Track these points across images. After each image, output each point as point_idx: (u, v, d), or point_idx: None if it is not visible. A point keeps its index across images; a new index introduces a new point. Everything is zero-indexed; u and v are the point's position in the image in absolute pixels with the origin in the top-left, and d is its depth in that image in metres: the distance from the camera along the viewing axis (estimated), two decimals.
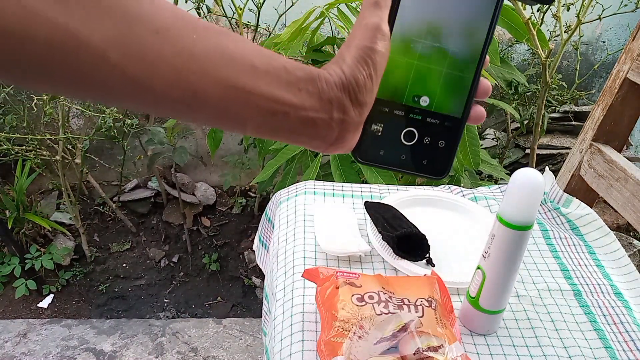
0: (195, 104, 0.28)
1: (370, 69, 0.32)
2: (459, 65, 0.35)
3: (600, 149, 0.92)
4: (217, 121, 0.30)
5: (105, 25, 0.24)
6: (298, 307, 0.67)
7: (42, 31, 0.23)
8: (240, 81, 0.28)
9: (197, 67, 0.27)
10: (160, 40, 0.26)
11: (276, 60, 0.30)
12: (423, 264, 0.75)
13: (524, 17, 1.18)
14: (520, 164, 2.09)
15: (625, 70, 0.88)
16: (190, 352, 1.65)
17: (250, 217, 2.21)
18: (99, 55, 0.24)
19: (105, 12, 0.25)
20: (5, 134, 1.66)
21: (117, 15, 0.25)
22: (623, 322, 0.69)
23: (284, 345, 0.63)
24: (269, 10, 1.65)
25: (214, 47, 0.28)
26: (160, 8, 0.27)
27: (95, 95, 0.27)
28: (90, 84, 0.25)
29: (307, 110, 0.30)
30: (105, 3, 0.25)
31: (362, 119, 0.33)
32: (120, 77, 0.25)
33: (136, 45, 0.25)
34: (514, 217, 0.58)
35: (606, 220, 1.77)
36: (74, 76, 0.25)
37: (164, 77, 0.26)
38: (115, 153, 2.15)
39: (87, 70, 0.25)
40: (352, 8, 1.19)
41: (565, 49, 1.65)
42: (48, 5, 0.23)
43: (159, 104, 0.27)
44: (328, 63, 0.32)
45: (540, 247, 0.83)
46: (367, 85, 0.32)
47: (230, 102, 0.28)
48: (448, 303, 0.63)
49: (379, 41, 0.32)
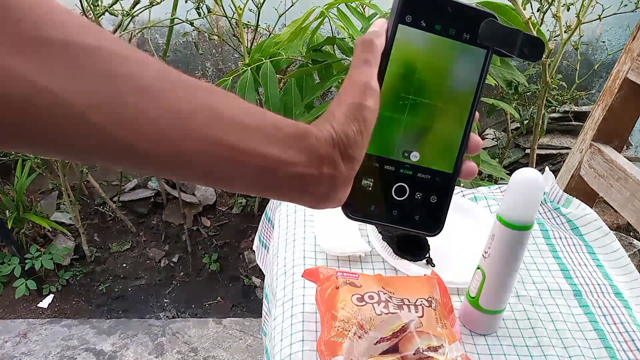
0: (180, 164, 0.27)
1: (360, 125, 0.32)
2: (449, 121, 0.35)
3: (600, 149, 0.92)
4: (204, 180, 0.29)
5: (87, 85, 0.23)
6: (298, 307, 0.67)
7: (20, 92, 0.22)
8: (228, 139, 0.27)
9: (182, 126, 0.26)
10: (145, 99, 0.25)
11: (265, 117, 0.30)
12: (423, 264, 0.75)
13: (524, 17, 1.18)
14: (520, 164, 2.09)
15: (625, 70, 0.88)
16: (190, 352, 1.65)
17: (250, 217, 2.21)
18: (79, 115, 0.23)
19: (88, 72, 0.24)
20: None
21: (99, 75, 0.24)
22: (623, 322, 0.69)
23: (284, 345, 0.63)
24: (269, 10, 1.66)
25: (200, 105, 0.27)
26: (145, 66, 0.26)
27: (75, 156, 0.26)
28: (70, 145, 0.24)
29: (296, 167, 0.30)
30: (87, 62, 0.24)
31: (352, 174, 0.32)
32: (102, 138, 0.24)
33: (119, 105, 0.24)
34: (514, 217, 0.58)
35: (606, 220, 1.77)
36: (53, 137, 0.24)
37: (147, 138, 0.25)
38: None
39: (67, 132, 0.24)
40: (352, 8, 1.19)
41: (565, 49, 1.65)
42: (27, 66, 0.22)
43: (143, 164, 0.26)
44: (318, 119, 0.32)
45: (540, 247, 0.83)
46: (357, 141, 0.32)
47: (218, 160, 0.28)
48: (448, 303, 0.63)
49: (368, 97, 0.32)
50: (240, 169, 0.29)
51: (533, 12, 1.38)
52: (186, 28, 1.89)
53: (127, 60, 0.25)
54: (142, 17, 1.71)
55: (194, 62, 2.00)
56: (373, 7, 1.17)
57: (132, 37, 1.82)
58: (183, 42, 1.94)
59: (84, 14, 1.44)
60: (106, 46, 0.24)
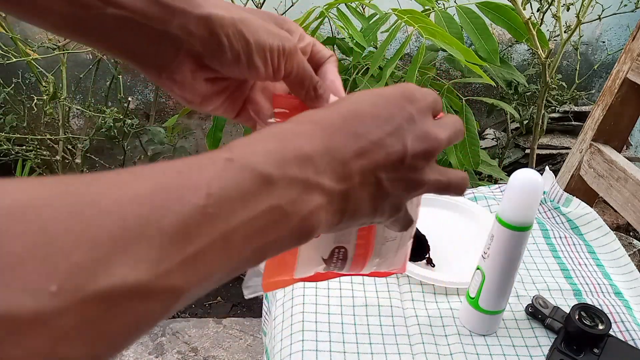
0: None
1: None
2: None
3: (600, 149, 0.92)
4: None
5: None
6: (298, 307, 0.67)
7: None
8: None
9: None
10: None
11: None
12: (423, 264, 0.75)
13: (524, 17, 1.18)
14: (520, 164, 2.09)
15: (625, 70, 0.88)
16: (190, 352, 1.65)
17: None
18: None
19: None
20: (5, 134, 1.66)
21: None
22: (623, 321, 0.69)
23: (284, 345, 0.63)
24: (269, 10, 1.66)
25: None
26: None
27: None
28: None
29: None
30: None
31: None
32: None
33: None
34: (513, 218, 0.58)
35: (606, 220, 1.77)
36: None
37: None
38: (115, 153, 2.15)
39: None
40: (352, 8, 1.19)
41: (565, 49, 1.64)
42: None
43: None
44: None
45: (540, 246, 0.83)
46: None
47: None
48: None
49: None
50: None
51: (533, 12, 1.38)
52: None
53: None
54: None
55: None
56: (373, 7, 1.17)
57: None
58: None
59: None
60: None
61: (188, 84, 0.33)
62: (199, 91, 0.34)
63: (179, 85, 0.33)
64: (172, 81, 0.33)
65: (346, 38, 1.21)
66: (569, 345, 0.63)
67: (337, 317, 0.67)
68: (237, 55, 0.32)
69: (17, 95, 1.76)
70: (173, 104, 2.08)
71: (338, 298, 0.70)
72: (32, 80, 1.84)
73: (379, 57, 1.05)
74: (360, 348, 0.64)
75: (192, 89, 0.33)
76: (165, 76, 0.32)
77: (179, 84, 0.33)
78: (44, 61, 1.54)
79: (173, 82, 0.33)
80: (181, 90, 0.33)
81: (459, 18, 1.11)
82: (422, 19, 1.00)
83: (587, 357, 0.62)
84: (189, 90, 0.33)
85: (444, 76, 1.98)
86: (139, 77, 2.00)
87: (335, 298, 0.70)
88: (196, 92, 0.34)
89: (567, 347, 0.63)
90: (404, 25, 1.02)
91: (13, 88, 1.64)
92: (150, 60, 0.32)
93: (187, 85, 0.33)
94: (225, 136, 2.01)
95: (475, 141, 1.13)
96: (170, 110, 2.09)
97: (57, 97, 1.50)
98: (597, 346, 0.63)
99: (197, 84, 0.33)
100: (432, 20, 1.05)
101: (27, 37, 1.76)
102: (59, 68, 1.55)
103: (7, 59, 1.36)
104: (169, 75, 0.32)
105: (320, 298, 0.70)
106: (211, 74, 0.33)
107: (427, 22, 1.00)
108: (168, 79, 0.33)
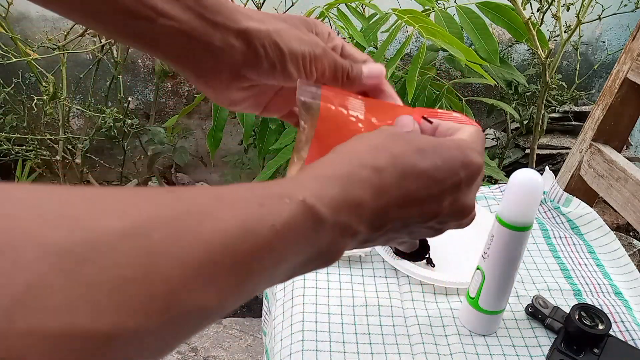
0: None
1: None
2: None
3: (600, 149, 0.92)
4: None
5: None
6: (298, 307, 0.67)
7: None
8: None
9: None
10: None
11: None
12: (423, 264, 0.75)
13: (524, 18, 1.18)
14: (520, 164, 2.09)
15: (625, 70, 0.88)
16: (190, 352, 1.65)
17: None
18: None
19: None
20: (5, 134, 1.66)
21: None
22: (624, 321, 0.69)
23: (284, 345, 0.63)
24: (269, 10, 1.66)
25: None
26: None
27: None
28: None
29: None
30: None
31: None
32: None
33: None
34: (513, 218, 0.58)
35: (606, 220, 1.77)
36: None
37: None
38: (115, 153, 2.15)
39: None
40: (352, 8, 1.19)
41: (565, 49, 1.64)
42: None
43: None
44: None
45: (540, 246, 0.83)
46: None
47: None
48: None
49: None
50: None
51: (533, 12, 1.38)
52: None
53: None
54: None
55: None
56: (373, 7, 1.17)
57: None
58: None
59: None
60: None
61: (221, 91, 0.36)
62: (231, 98, 0.37)
63: (212, 89, 0.36)
64: (207, 86, 0.36)
65: (346, 38, 1.21)
66: (569, 345, 0.63)
67: (337, 317, 0.67)
68: (272, 64, 0.34)
69: (17, 95, 1.76)
70: (173, 104, 2.08)
71: (338, 298, 0.70)
72: (32, 80, 1.83)
73: (380, 57, 1.05)
74: (360, 348, 0.64)
75: (224, 95, 0.37)
76: (202, 81, 0.36)
77: (213, 89, 0.36)
78: (44, 61, 1.53)
79: (208, 87, 0.36)
80: (214, 94, 0.36)
81: (459, 18, 1.11)
82: (422, 19, 1.00)
83: (587, 357, 0.62)
84: (221, 95, 0.36)
85: (444, 76, 1.98)
86: (139, 77, 2.00)
87: (335, 298, 0.70)
88: (228, 98, 0.37)
89: (567, 347, 0.63)
90: (404, 25, 1.02)
91: (13, 88, 1.64)
92: (191, 66, 0.35)
93: (220, 92, 0.36)
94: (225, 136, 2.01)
95: None
96: (170, 110, 2.09)
97: (57, 97, 1.50)
98: (597, 346, 0.63)
99: (230, 92, 0.36)
100: (432, 20, 1.05)
101: (27, 37, 1.76)
102: (59, 68, 1.55)
103: (7, 59, 1.36)
104: (205, 81, 0.36)
105: (320, 298, 0.70)
106: (245, 82, 0.36)
107: (427, 22, 1.00)
108: (204, 84, 0.36)
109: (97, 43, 1.59)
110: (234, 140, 2.20)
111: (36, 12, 1.81)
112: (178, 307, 0.19)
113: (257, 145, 1.54)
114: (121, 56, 1.73)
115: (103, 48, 1.62)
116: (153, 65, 1.91)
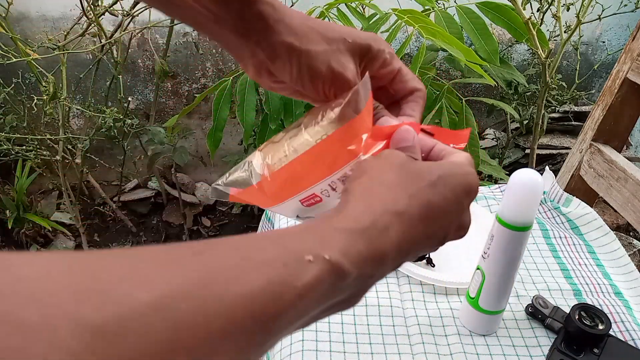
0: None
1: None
2: None
3: (600, 149, 0.92)
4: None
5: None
6: None
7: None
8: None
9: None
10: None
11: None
12: (423, 264, 0.75)
13: (524, 17, 1.18)
14: (520, 164, 2.09)
15: (625, 70, 0.88)
16: None
17: (250, 217, 2.21)
18: None
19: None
20: (5, 134, 1.66)
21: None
22: (624, 321, 0.69)
23: (283, 345, 0.63)
24: None
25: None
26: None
27: None
28: None
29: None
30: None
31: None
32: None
33: None
34: (513, 218, 0.58)
35: (606, 220, 1.77)
36: None
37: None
38: (115, 153, 2.15)
39: None
40: (352, 8, 1.19)
41: (565, 49, 1.65)
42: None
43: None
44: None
45: (540, 246, 0.83)
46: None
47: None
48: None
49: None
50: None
51: (533, 12, 1.38)
52: (186, 28, 1.89)
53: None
54: (143, 17, 1.71)
55: (194, 63, 2.00)
56: (373, 7, 1.17)
57: (132, 37, 1.82)
58: (183, 42, 1.94)
59: (84, 13, 1.44)
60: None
61: (256, 78, 0.40)
62: (264, 84, 0.40)
63: (251, 74, 0.40)
64: (247, 69, 0.39)
65: None
66: (569, 345, 0.63)
67: (337, 317, 0.67)
68: (294, 79, 0.37)
69: (17, 95, 1.76)
70: (173, 104, 2.08)
71: None
72: (32, 80, 1.84)
73: None
74: (360, 348, 0.64)
75: (259, 81, 0.40)
76: (242, 64, 0.39)
77: (251, 74, 0.40)
78: (44, 61, 1.53)
79: (247, 70, 0.39)
80: (252, 77, 0.40)
81: (459, 18, 1.11)
82: (422, 19, 1.00)
83: (587, 357, 0.62)
84: (258, 80, 0.40)
85: (444, 76, 1.98)
86: (139, 77, 2.00)
87: None
88: (263, 84, 0.40)
89: (567, 347, 0.63)
90: (404, 25, 1.02)
91: (13, 88, 1.64)
92: (233, 51, 0.39)
93: (255, 78, 0.40)
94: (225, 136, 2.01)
95: (475, 142, 1.13)
96: (170, 110, 2.09)
97: (57, 97, 1.50)
98: (597, 346, 0.63)
99: (261, 80, 0.40)
100: (432, 20, 1.05)
101: (27, 37, 1.76)
102: (59, 68, 1.55)
103: (7, 59, 1.36)
104: (243, 66, 0.39)
105: None
106: (274, 77, 0.39)
107: (427, 22, 1.00)
108: (244, 66, 0.39)
109: (97, 43, 1.59)
110: (234, 140, 2.20)
111: (36, 12, 1.81)
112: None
113: (257, 145, 1.54)
114: (121, 56, 1.73)
115: (103, 48, 1.62)
116: (153, 65, 1.91)
